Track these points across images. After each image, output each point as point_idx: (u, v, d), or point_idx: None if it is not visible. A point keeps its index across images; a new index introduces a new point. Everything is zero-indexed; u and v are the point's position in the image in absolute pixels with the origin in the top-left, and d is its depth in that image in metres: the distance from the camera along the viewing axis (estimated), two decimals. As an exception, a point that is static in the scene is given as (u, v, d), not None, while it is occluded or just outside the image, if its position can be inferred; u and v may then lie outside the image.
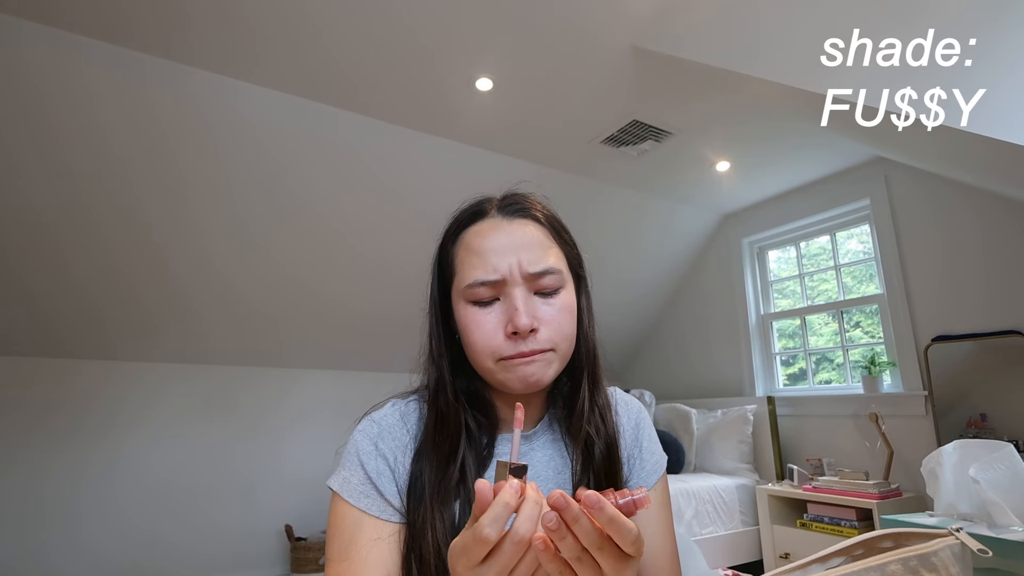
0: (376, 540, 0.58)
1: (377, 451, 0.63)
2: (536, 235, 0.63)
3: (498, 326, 0.60)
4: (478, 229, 0.63)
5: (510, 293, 0.60)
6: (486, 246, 0.61)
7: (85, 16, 1.86)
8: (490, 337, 0.60)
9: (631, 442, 0.71)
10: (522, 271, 0.60)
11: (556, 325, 0.61)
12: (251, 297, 2.90)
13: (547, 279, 0.61)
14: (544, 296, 0.61)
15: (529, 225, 0.63)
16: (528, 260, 0.60)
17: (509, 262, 0.60)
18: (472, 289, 0.60)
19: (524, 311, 0.59)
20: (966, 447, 1.67)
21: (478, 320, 0.60)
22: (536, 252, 0.61)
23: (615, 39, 2.08)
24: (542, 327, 0.60)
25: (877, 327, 2.99)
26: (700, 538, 2.71)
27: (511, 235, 0.62)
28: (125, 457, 2.85)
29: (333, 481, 0.62)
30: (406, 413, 0.66)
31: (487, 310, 0.61)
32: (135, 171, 2.30)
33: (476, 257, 0.61)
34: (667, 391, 4.00)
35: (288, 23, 1.94)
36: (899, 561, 0.48)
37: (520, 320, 0.58)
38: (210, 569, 2.94)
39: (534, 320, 0.59)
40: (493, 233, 0.62)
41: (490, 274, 0.60)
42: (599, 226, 3.41)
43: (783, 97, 1.98)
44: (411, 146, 2.65)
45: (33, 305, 2.54)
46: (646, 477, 0.70)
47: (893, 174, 2.88)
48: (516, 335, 0.59)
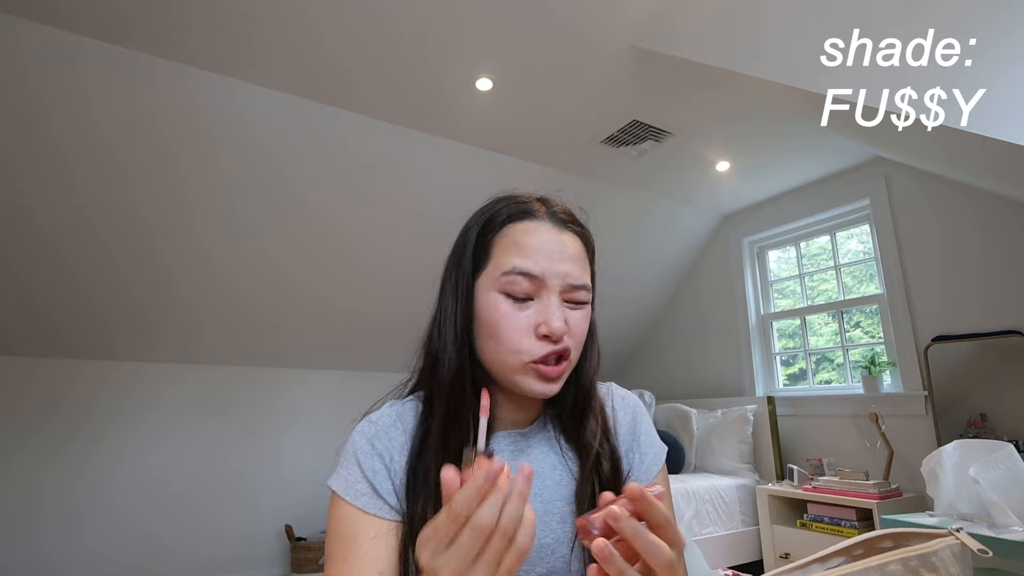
0: (374, 538, 0.58)
1: (374, 450, 0.63)
2: (580, 251, 0.65)
3: (530, 325, 0.61)
4: (527, 227, 0.64)
5: (546, 297, 0.61)
6: (535, 244, 0.62)
7: (82, 15, 1.86)
8: (521, 335, 0.60)
9: (629, 436, 0.72)
10: (564, 281, 0.62)
11: (578, 335, 0.63)
12: (250, 296, 2.90)
13: (581, 294, 0.63)
14: (571, 307, 0.63)
15: (573, 238, 0.65)
16: (572, 273, 0.62)
17: (555, 268, 0.62)
18: (510, 276, 0.61)
19: (560, 316, 0.61)
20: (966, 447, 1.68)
21: (509, 314, 0.61)
22: (579, 266, 0.64)
23: (615, 39, 2.08)
24: (567, 335, 0.62)
25: (877, 327, 2.99)
26: (700, 538, 2.71)
27: (561, 244, 0.63)
28: (125, 457, 2.85)
29: (332, 481, 0.62)
30: (403, 413, 0.67)
31: (522, 307, 0.61)
32: (133, 170, 2.30)
33: (522, 251, 0.62)
34: (667, 391, 4.00)
35: (288, 22, 1.94)
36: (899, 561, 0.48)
37: (556, 324, 0.60)
38: (210, 569, 2.93)
39: (565, 326, 0.61)
40: (541, 234, 0.63)
41: (533, 268, 0.61)
42: (599, 226, 3.32)
43: (783, 97, 1.98)
44: (411, 146, 2.65)
45: (30, 304, 2.54)
46: (647, 470, 0.70)
47: (893, 174, 2.88)
48: (547, 338, 0.60)
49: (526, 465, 0.42)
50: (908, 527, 0.63)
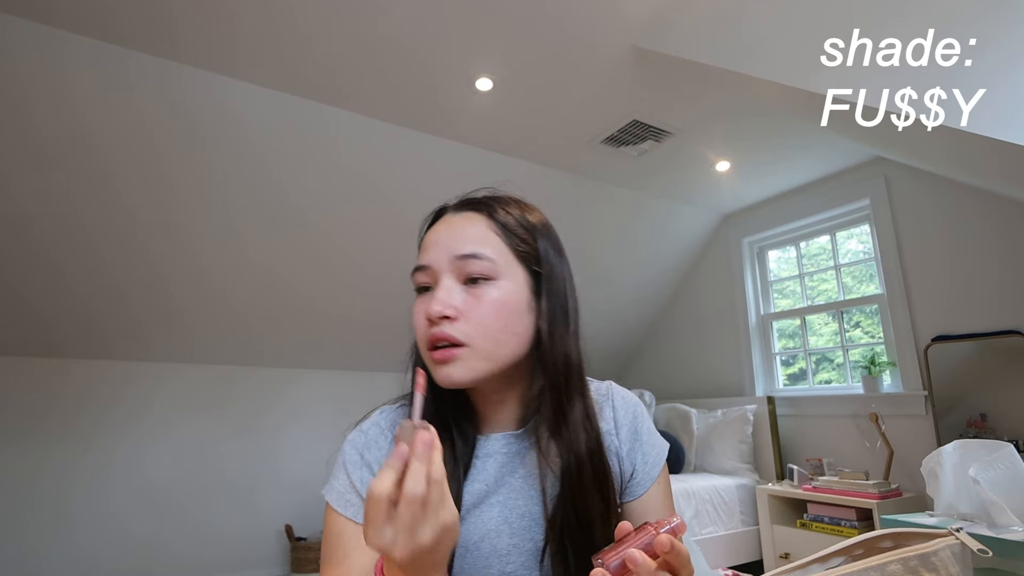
0: (359, 548, 0.59)
1: (363, 461, 0.64)
2: (475, 225, 0.62)
3: (423, 313, 0.60)
4: (434, 226, 0.66)
5: (438, 282, 0.61)
6: (429, 239, 0.64)
7: (70, 11, 1.84)
8: (420, 324, 0.61)
9: (630, 436, 0.70)
10: (448, 256, 0.60)
11: (477, 319, 0.58)
12: (250, 297, 2.90)
13: (474, 264, 0.59)
14: (473, 287, 0.60)
15: (472, 217, 0.64)
16: (457, 246, 0.60)
17: (440, 249, 0.61)
18: (413, 276, 0.63)
19: (438, 298, 0.58)
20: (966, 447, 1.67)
21: (414, 309, 0.62)
22: (468, 239, 0.61)
23: (615, 39, 2.08)
24: (461, 318, 0.58)
25: (877, 327, 2.99)
26: (700, 538, 2.71)
27: (450, 225, 0.63)
28: (122, 457, 2.84)
29: (325, 491, 0.64)
30: (393, 420, 0.68)
31: (421, 299, 0.62)
32: (122, 168, 2.28)
33: (422, 249, 0.64)
34: (667, 391, 4.00)
35: (286, 21, 1.93)
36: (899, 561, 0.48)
37: (432, 306, 0.58)
38: (210, 569, 2.93)
39: (448, 307, 0.58)
40: (439, 227, 0.64)
41: (421, 260, 0.62)
42: (599, 226, 3.41)
43: (783, 97, 1.98)
44: (410, 146, 2.65)
45: (21, 304, 2.53)
46: (649, 469, 0.70)
47: (893, 174, 2.88)
48: (432, 322, 0.59)
49: (424, 433, 0.44)
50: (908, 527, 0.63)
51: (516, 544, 0.61)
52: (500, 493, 0.63)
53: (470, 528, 0.61)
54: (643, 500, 0.68)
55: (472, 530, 0.61)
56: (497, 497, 0.63)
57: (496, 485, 0.63)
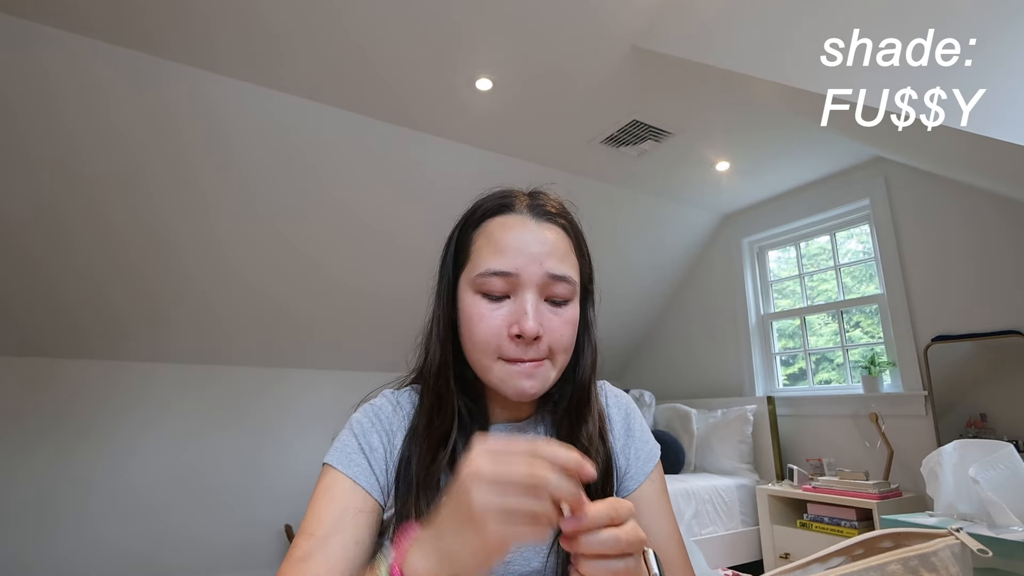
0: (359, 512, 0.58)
1: (374, 428, 0.64)
2: (560, 241, 0.62)
3: (504, 325, 0.59)
4: (503, 221, 0.62)
5: (522, 294, 0.59)
6: (509, 240, 0.60)
7: (105, 21, 1.87)
8: (494, 334, 0.59)
9: (623, 433, 0.71)
10: (540, 273, 0.59)
11: (559, 336, 0.60)
12: (254, 298, 2.90)
13: (561, 287, 0.60)
14: (553, 305, 0.61)
15: (555, 230, 0.63)
16: (548, 264, 0.60)
17: (529, 261, 0.59)
18: (485, 278, 0.60)
19: (533, 315, 0.58)
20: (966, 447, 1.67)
21: (483, 314, 0.60)
22: (556, 258, 0.61)
23: (615, 39, 2.08)
24: (546, 336, 0.59)
25: (877, 327, 2.99)
26: (700, 538, 2.71)
27: (537, 235, 0.61)
28: (127, 457, 2.84)
29: (328, 455, 0.62)
30: (400, 402, 0.68)
31: (496, 305, 0.60)
32: (151, 173, 2.31)
33: (496, 248, 0.60)
34: (667, 391, 4.00)
35: (293, 27, 1.93)
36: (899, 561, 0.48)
37: (528, 324, 0.57)
38: (211, 569, 2.93)
39: (540, 327, 0.59)
40: (519, 229, 0.61)
41: (507, 266, 0.59)
42: (599, 226, 3.37)
43: (783, 97, 1.98)
44: (411, 146, 2.65)
45: (52, 306, 2.55)
46: (642, 465, 0.70)
47: (893, 174, 2.88)
48: (520, 338, 0.58)
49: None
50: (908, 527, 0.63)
51: None
52: None
53: None
54: (636, 496, 0.68)
55: None
56: None
57: None
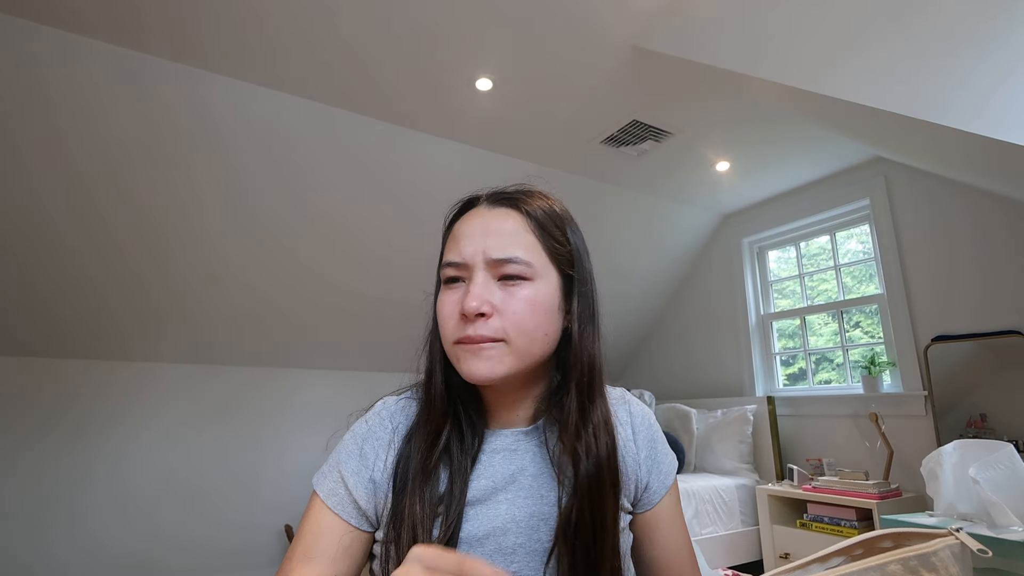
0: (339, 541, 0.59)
1: (360, 452, 0.64)
2: (512, 224, 0.62)
3: (455, 307, 0.60)
4: (465, 217, 0.65)
5: (471, 277, 0.60)
6: (462, 231, 0.63)
7: (99, 20, 1.86)
8: (447, 317, 0.60)
9: (647, 444, 0.70)
10: (485, 256, 0.60)
11: (512, 315, 0.58)
12: (255, 298, 2.90)
13: (510, 267, 0.59)
14: (508, 285, 0.60)
15: (509, 214, 0.63)
16: (494, 246, 0.60)
17: (475, 246, 0.60)
18: (443, 270, 0.62)
19: (475, 294, 0.58)
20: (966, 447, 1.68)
21: (442, 300, 0.62)
22: (505, 240, 0.60)
23: (615, 39, 2.08)
24: (496, 315, 0.58)
25: (877, 327, 2.99)
26: (700, 538, 2.71)
27: (485, 222, 0.62)
28: (127, 457, 2.84)
29: (315, 479, 0.64)
30: (394, 411, 0.67)
31: (451, 291, 0.62)
32: (145, 172, 2.30)
33: (452, 241, 0.63)
34: (667, 391, 4.00)
35: (291, 26, 1.93)
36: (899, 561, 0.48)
37: (468, 302, 0.57)
38: (211, 569, 2.93)
39: (485, 304, 0.58)
40: (473, 219, 0.63)
41: (455, 256, 0.61)
42: (599, 226, 3.41)
43: (783, 97, 1.98)
44: (410, 146, 2.65)
45: (45, 306, 2.54)
46: (664, 479, 0.70)
47: (893, 174, 2.88)
48: (466, 317, 0.58)
49: None
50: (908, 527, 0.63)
51: (522, 543, 0.60)
52: (508, 491, 0.62)
53: (475, 523, 0.60)
54: (655, 512, 0.68)
55: (477, 526, 0.60)
56: (505, 495, 0.62)
57: (504, 482, 0.62)
